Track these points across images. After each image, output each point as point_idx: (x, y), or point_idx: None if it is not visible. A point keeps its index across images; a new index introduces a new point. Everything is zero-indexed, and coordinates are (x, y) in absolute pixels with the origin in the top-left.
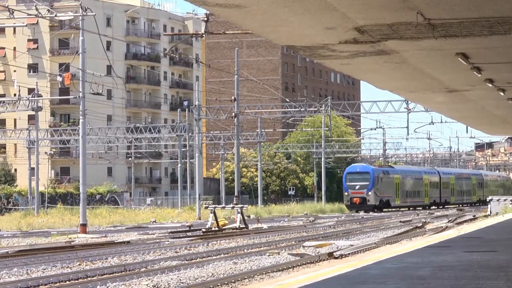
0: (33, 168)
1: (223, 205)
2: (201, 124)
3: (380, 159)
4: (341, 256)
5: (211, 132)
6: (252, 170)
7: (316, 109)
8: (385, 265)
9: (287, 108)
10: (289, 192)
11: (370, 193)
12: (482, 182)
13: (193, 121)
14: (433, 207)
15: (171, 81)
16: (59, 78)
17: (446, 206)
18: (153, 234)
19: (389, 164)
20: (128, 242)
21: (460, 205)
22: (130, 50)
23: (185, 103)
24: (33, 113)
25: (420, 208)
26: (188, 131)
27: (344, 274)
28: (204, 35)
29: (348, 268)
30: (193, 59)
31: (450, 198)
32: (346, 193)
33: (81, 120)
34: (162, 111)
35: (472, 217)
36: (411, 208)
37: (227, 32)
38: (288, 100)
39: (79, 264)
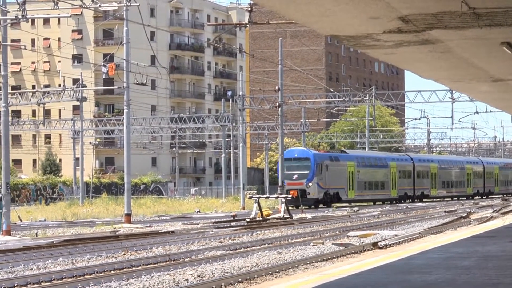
0: (77, 158)
1: (267, 195)
2: (245, 114)
3: (425, 149)
4: (386, 246)
5: (255, 122)
6: None
7: (360, 99)
8: (429, 255)
9: (331, 98)
10: None
11: (311, 184)
12: None
13: (237, 111)
14: (407, 200)
15: (215, 71)
16: (103, 70)
17: (487, 196)
18: (197, 224)
19: (343, 150)
20: (173, 232)
21: (505, 195)
22: (174, 40)
23: (229, 93)
24: (78, 103)
25: (456, 199)
26: (232, 121)
27: (388, 264)
28: (247, 25)
29: (393, 258)
30: (237, 49)
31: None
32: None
33: (125, 110)
34: (206, 101)
35: None
36: (380, 202)
37: (271, 22)
38: (332, 90)
39: (124, 254)
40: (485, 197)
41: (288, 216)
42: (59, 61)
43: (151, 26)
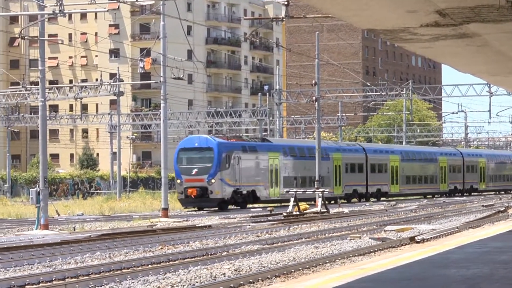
0: (115, 153)
1: (304, 189)
2: (282, 108)
3: (462, 143)
4: (423, 240)
5: (292, 116)
6: None
7: (397, 93)
8: (467, 249)
9: (368, 92)
10: None
11: (213, 180)
12: None
13: (273, 105)
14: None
15: (252, 65)
16: (140, 64)
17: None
18: (234, 218)
19: (265, 138)
20: (210, 226)
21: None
22: (210, 34)
23: (266, 87)
24: (115, 98)
25: (503, 193)
26: (269, 115)
27: (426, 259)
28: (284, 19)
29: (430, 252)
30: (274, 43)
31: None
32: (178, 181)
33: (162, 105)
34: (242, 96)
35: None
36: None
37: (307, 16)
38: (369, 84)
39: (161, 248)
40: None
41: (325, 210)
42: (96, 56)
43: (188, 20)
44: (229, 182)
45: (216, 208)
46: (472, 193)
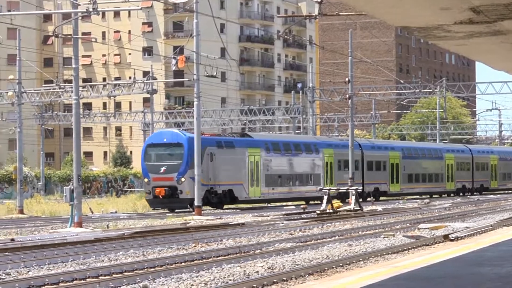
0: None
1: (337, 187)
2: (315, 106)
3: (496, 140)
4: (457, 238)
5: (325, 114)
6: None
7: (431, 90)
8: (501, 247)
9: (402, 90)
10: None
11: (183, 179)
12: None
13: (307, 103)
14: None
15: (285, 63)
16: (173, 62)
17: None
18: (268, 216)
19: (246, 133)
20: (243, 224)
21: None
22: (243, 32)
23: (299, 85)
24: (148, 95)
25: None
26: (302, 113)
27: (460, 257)
28: (317, 17)
29: (464, 250)
30: (307, 41)
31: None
32: (146, 180)
33: (195, 103)
34: (275, 93)
35: None
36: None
37: (341, 13)
38: (402, 82)
39: (194, 246)
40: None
41: (359, 208)
42: (130, 54)
43: (221, 18)
44: (202, 181)
45: (191, 209)
46: (483, 192)
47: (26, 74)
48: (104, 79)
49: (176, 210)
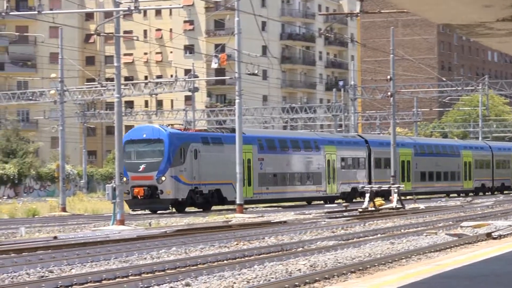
0: None
1: (379, 185)
2: (357, 103)
3: None
4: (500, 236)
5: (367, 111)
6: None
7: (473, 88)
8: None
9: (444, 87)
10: None
11: (164, 177)
12: None
13: (348, 101)
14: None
15: (326, 61)
16: (214, 60)
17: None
18: (310, 214)
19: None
20: (285, 222)
21: None
22: (285, 30)
23: (340, 83)
24: (190, 94)
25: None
26: (344, 111)
27: (503, 255)
28: (359, 15)
29: (507, 249)
30: (348, 39)
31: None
32: (124, 179)
33: (237, 101)
34: (317, 91)
35: None
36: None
37: (382, 11)
38: (444, 79)
39: (237, 244)
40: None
41: (401, 206)
42: (171, 52)
43: (262, 16)
44: (185, 180)
45: (174, 210)
46: (504, 192)
47: (68, 72)
48: (146, 77)
49: (158, 212)
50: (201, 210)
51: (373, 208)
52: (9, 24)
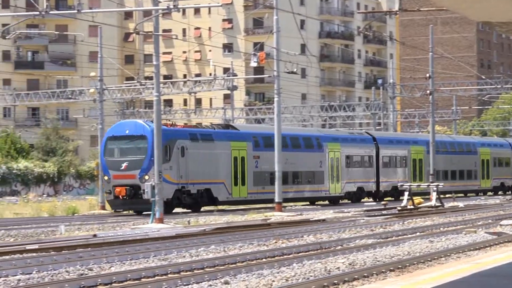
0: None
1: (418, 183)
2: (396, 102)
3: None
4: None
5: (406, 110)
6: None
7: None
8: None
9: (483, 85)
10: None
11: (147, 176)
12: None
13: (387, 99)
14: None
15: (365, 59)
16: (253, 59)
17: None
18: (348, 212)
19: (230, 124)
20: (324, 220)
21: None
22: (323, 28)
23: (379, 81)
24: (229, 92)
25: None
26: (383, 109)
27: None
28: (398, 12)
29: None
30: (387, 37)
31: None
32: (106, 177)
33: (275, 99)
34: (356, 89)
35: None
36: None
37: (421, 9)
38: (483, 77)
39: (275, 242)
40: None
41: (440, 204)
42: (210, 51)
43: (301, 14)
44: (170, 179)
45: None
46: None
47: (108, 71)
48: (185, 76)
49: (144, 213)
50: (190, 210)
51: (412, 207)
52: (49, 23)
